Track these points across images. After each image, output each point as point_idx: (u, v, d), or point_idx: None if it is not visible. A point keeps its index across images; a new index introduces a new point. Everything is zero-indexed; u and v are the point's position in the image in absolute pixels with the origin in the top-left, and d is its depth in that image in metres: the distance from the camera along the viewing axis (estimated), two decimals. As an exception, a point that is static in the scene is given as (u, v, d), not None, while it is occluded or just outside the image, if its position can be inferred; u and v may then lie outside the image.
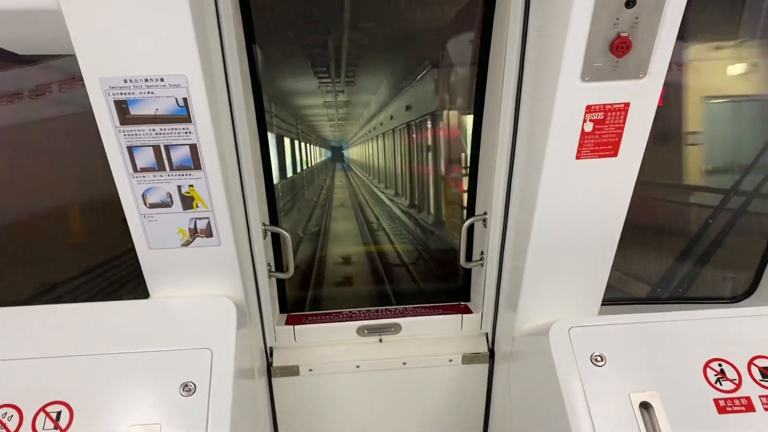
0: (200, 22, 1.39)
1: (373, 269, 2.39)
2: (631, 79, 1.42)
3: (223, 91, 1.63)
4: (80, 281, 2.48)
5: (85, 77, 1.35)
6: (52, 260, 2.53)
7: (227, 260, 1.71)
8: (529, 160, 1.69)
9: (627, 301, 2.57)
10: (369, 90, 1.86)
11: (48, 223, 2.43)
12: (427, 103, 2.25)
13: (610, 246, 1.74)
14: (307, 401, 2.36)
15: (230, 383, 1.49)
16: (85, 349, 1.53)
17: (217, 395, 1.46)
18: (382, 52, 1.70)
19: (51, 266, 2.55)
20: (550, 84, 1.45)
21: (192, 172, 1.52)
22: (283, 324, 2.29)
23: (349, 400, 2.39)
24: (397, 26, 1.62)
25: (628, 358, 1.59)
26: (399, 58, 1.73)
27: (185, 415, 1.42)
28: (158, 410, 1.43)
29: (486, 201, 2.08)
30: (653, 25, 1.34)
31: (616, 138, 1.51)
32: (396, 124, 2.54)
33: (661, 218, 2.77)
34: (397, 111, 2.41)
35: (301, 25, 1.78)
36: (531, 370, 1.85)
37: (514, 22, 1.65)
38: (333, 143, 2.36)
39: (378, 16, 1.64)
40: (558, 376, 1.57)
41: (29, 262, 2.54)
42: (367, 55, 1.65)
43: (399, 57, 1.72)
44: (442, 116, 2.30)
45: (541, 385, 1.72)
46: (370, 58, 1.67)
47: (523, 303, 1.87)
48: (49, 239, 2.47)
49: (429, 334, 2.35)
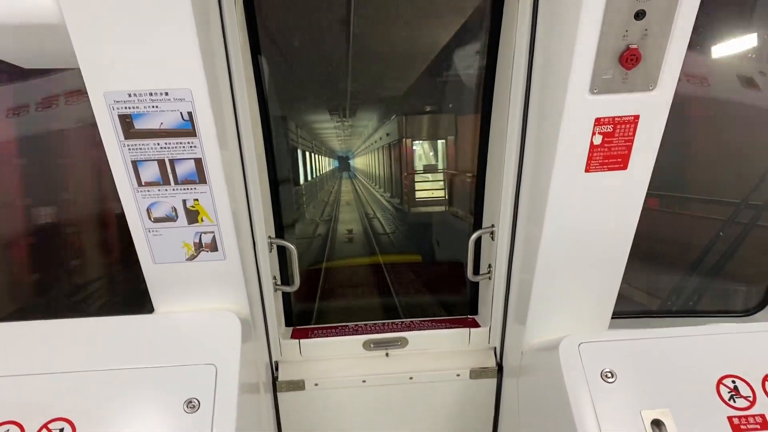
0: (205, 36, 1.39)
1: (367, 237, 3.20)
2: (641, 92, 1.40)
3: (228, 104, 1.62)
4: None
5: (89, 91, 1.34)
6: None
7: (232, 274, 1.69)
8: (537, 172, 1.67)
9: (636, 314, 2.54)
10: (367, 118, 2.52)
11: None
12: (394, 134, 3.11)
13: (620, 260, 1.72)
14: (313, 416, 2.34)
15: (234, 399, 1.47)
16: (88, 364, 1.52)
17: (222, 412, 1.44)
18: (373, 102, 2.29)
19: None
20: (559, 96, 1.43)
21: (197, 186, 1.51)
22: (288, 338, 2.27)
23: (355, 415, 2.36)
24: (381, 88, 2.15)
25: (639, 374, 1.56)
26: (379, 107, 2.40)
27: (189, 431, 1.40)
28: (162, 427, 1.41)
29: (493, 213, 2.06)
30: (663, 37, 1.33)
31: (626, 151, 1.49)
32: (381, 144, 3.44)
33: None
34: (381, 135, 3.31)
35: (314, 71, 2.05)
36: (540, 385, 1.82)
37: (522, 33, 1.64)
38: (340, 154, 2.75)
39: (372, 76, 2.07)
40: (568, 392, 1.54)
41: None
42: (362, 103, 2.24)
43: (378, 106, 2.38)
44: (403, 142, 3.07)
45: (550, 402, 1.69)
46: (365, 104, 2.28)
47: (532, 317, 1.85)
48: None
49: (436, 348, 2.32)
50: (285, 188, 2.14)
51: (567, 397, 1.53)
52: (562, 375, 1.57)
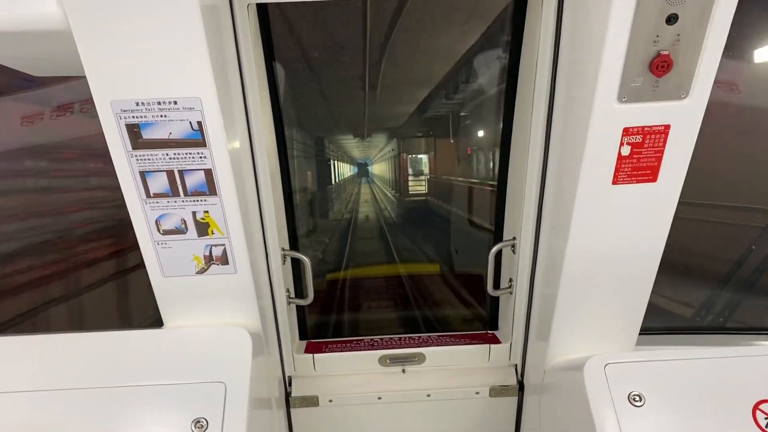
0: (216, 43, 1.35)
1: (378, 221, 3.93)
2: (672, 100, 1.32)
3: (241, 113, 1.58)
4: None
5: (95, 100, 1.30)
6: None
7: (244, 288, 1.65)
8: (561, 184, 1.60)
9: (665, 331, 2.44)
10: (379, 137, 3.16)
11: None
12: (396, 150, 4.15)
13: (648, 276, 1.64)
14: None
15: (244, 418, 1.43)
16: (94, 381, 1.48)
17: (231, 431, 1.39)
18: (383, 128, 3.00)
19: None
20: (585, 105, 1.36)
21: (207, 198, 1.47)
22: (302, 352, 2.22)
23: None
24: (389, 117, 2.89)
25: (669, 397, 1.47)
26: (387, 130, 3.14)
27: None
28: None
29: (515, 226, 1.99)
30: (696, 42, 1.25)
31: (656, 162, 1.42)
32: (389, 156, 4.44)
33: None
34: (389, 150, 4.22)
35: (340, 102, 2.56)
36: (563, 406, 1.74)
37: (545, 38, 1.57)
38: (360, 161, 3.00)
39: (383, 110, 2.69)
40: (593, 416, 1.46)
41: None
42: (376, 128, 2.86)
43: (387, 130, 3.12)
44: (401, 156, 4.12)
45: (574, 424, 1.62)
46: (378, 129, 2.92)
47: (555, 334, 1.77)
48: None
49: (455, 364, 2.26)
50: (323, 187, 2.97)
51: (592, 420, 1.46)
52: (587, 397, 1.49)
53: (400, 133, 3.04)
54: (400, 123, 2.88)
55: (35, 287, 2.97)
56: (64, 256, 3.04)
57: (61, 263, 3.04)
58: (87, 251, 3.06)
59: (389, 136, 3.12)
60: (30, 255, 2.94)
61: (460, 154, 2.83)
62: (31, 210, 2.94)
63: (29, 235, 2.94)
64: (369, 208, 4.89)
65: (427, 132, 3.00)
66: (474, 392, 2.20)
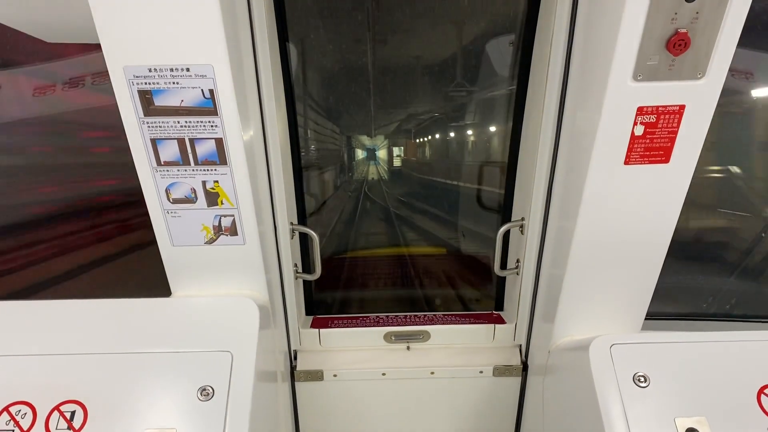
0: (230, 11, 1.34)
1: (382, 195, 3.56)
2: (689, 80, 1.31)
3: (252, 84, 1.57)
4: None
5: (108, 65, 1.30)
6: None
7: (252, 259, 1.65)
8: (572, 163, 1.59)
9: (672, 317, 2.43)
10: (383, 131, 3.01)
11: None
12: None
13: (657, 258, 1.63)
14: (331, 407, 2.30)
15: (250, 388, 1.44)
16: (102, 347, 1.49)
17: (236, 400, 1.41)
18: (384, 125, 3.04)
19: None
20: (599, 82, 1.35)
21: (217, 167, 1.47)
22: (308, 327, 2.23)
23: (373, 409, 2.32)
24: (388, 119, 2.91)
25: (674, 379, 1.47)
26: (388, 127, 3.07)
27: (202, 420, 1.37)
28: (174, 414, 1.38)
29: (524, 206, 1.98)
30: (715, 22, 1.23)
31: (669, 143, 1.40)
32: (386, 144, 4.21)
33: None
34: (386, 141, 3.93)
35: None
36: (567, 387, 1.74)
37: (561, 13, 1.55)
38: (369, 147, 3.14)
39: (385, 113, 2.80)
40: (597, 395, 1.46)
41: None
42: (380, 125, 2.88)
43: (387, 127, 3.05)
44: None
45: (578, 404, 1.62)
46: (381, 126, 2.92)
47: (561, 315, 1.77)
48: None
49: (459, 343, 2.26)
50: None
51: (596, 400, 1.46)
52: (591, 377, 1.50)
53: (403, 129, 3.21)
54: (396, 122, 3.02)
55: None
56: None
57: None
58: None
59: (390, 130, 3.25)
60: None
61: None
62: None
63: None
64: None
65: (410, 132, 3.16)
66: (478, 371, 2.20)
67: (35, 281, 3.05)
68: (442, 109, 2.60)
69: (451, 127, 2.73)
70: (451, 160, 2.84)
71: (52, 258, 3.07)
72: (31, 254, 3.03)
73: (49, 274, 3.08)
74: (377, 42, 2.25)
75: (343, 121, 2.70)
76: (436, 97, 2.59)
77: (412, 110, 2.70)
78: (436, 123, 2.75)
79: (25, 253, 3.01)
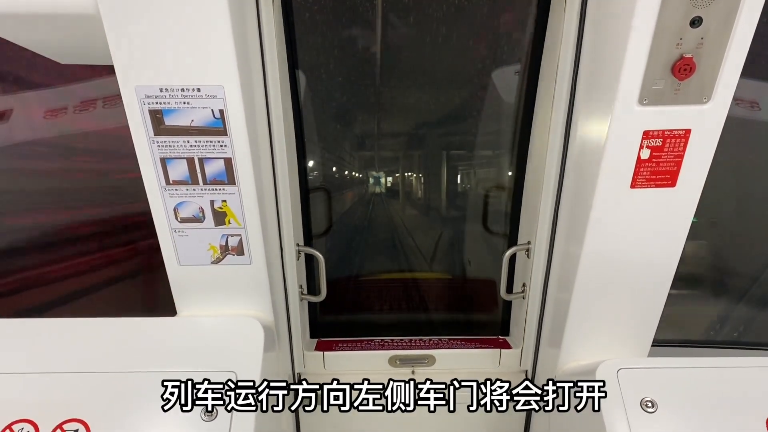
0: (241, 33, 1.36)
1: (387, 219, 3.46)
2: (694, 104, 1.32)
3: (261, 105, 1.59)
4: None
5: (120, 85, 1.32)
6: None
7: (258, 280, 1.65)
8: (579, 187, 1.59)
9: (679, 344, 2.41)
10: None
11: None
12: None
13: (664, 283, 1.62)
14: (334, 430, 2.27)
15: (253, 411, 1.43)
16: (106, 366, 1.49)
17: (239, 422, 1.39)
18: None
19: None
20: (605, 107, 1.36)
21: (226, 187, 1.48)
22: (312, 349, 2.21)
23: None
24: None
25: (681, 405, 1.46)
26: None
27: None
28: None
29: (530, 230, 1.98)
30: (720, 47, 1.25)
31: (675, 167, 1.41)
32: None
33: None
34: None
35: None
36: (574, 412, 1.72)
37: (567, 38, 1.56)
38: (375, 175, 3.06)
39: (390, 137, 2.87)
40: (604, 421, 1.45)
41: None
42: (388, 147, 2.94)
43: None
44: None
45: (585, 429, 1.60)
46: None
47: (568, 340, 1.76)
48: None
49: (464, 368, 2.24)
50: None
51: (603, 426, 1.44)
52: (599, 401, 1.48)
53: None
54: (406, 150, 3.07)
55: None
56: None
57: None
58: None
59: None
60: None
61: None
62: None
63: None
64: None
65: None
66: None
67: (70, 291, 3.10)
68: (447, 137, 2.62)
69: (456, 155, 2.74)
70: (456, 186, 2.85)
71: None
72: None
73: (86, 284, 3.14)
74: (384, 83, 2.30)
75: (349, 148, 2.72)
76: (442, 126, 2.60)
77: (416, 141, 2.72)
78: (442, 149, 2.75)
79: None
